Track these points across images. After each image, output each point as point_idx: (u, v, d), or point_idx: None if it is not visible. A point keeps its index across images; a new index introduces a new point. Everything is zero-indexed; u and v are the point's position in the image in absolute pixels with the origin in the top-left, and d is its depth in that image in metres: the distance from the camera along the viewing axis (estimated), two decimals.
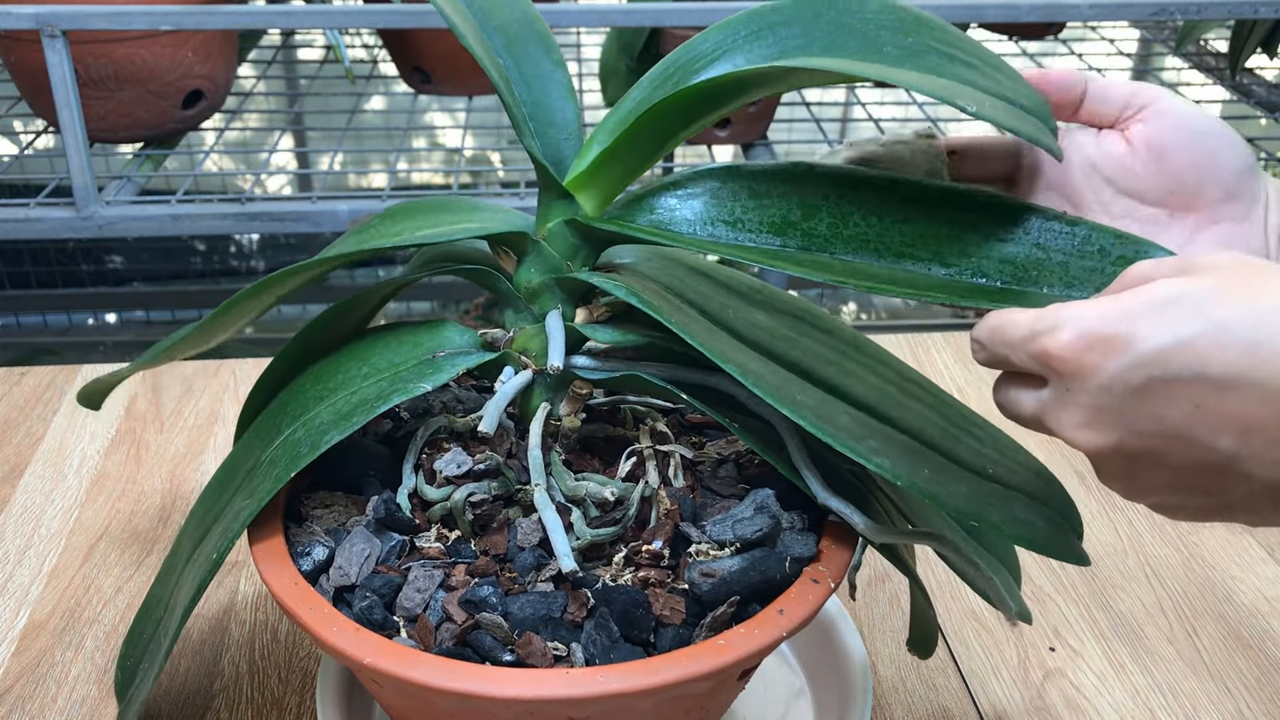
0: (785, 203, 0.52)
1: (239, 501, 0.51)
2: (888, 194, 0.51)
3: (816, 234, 0.51)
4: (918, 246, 0.51)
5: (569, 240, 0.53)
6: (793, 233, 0.51)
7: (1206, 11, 1.17)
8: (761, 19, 0.52)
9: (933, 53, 0.50)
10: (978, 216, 0.51)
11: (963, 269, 0.50)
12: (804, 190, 0.52)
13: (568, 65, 0.57)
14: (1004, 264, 0.50)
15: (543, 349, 0.53)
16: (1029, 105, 0.50)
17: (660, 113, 0.49)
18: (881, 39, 0.50)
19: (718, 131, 1.38)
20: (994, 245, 0.50)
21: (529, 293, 0.54)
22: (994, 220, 0.51)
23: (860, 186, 0.52)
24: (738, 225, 0.52)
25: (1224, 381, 0.35)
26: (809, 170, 0.52)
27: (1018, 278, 0.50)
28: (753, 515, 0.50)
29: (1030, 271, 0.50)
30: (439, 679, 0.44)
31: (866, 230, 0.51)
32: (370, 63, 1.69)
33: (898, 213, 0.51)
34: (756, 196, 0.52)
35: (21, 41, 1.17)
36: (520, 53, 0.56)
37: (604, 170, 0.52)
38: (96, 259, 2.28)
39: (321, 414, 0.51)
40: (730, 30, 0.53)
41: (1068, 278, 0.49)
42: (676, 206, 0.52)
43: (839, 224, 0.51)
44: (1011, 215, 0.51)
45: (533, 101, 0.55)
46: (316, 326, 0.56)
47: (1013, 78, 0.51)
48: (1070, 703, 0.66)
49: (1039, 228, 0.50)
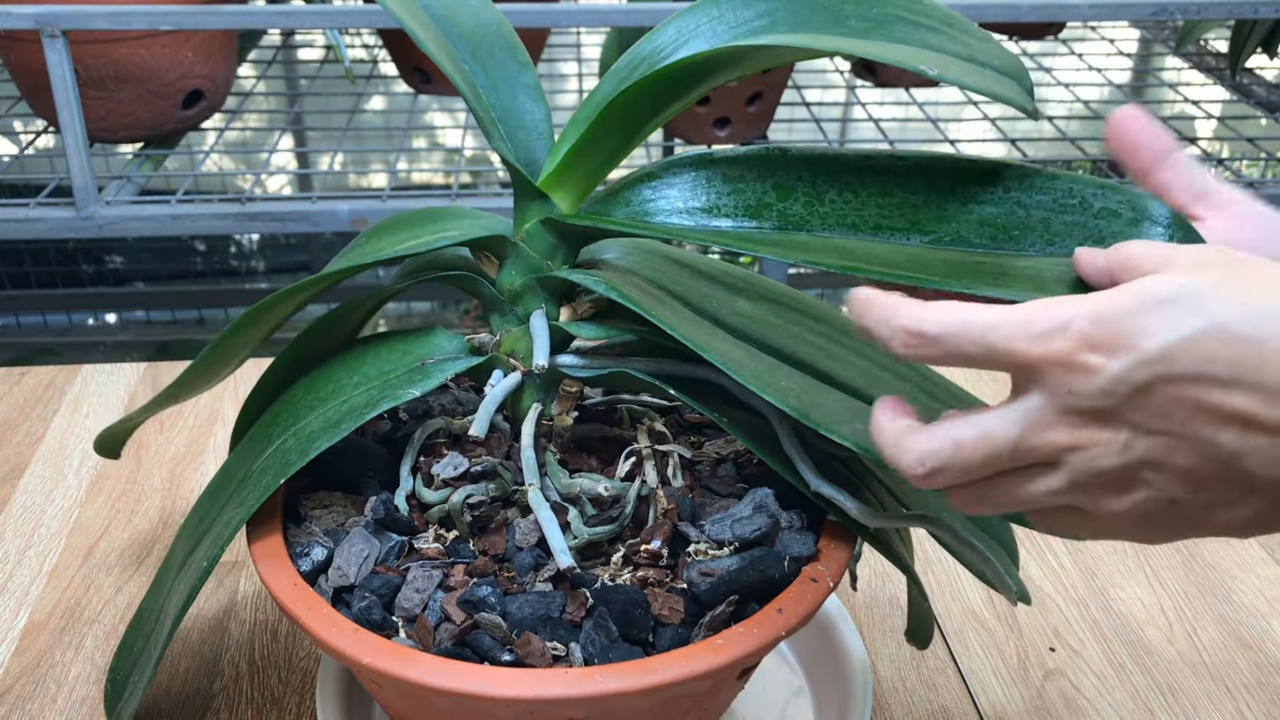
0: (760, 185, 0.51)
1: (230, 511, 0.51)
2: (861, 169, 0.50)
3: (792, 214, 0.51)
4: (894, 217, 0.49)
5: (547, 240, 0.53)
6: (769, 214, 0.51)
7: (1206, 11, 1.17)
8: (723, 3, 0.52)
9: (899, 21, 0.49)
10: (953, 181, 0.49)
11: (941, 235, 0.49)
12: (778, 173, 0.51)
13: (568, 65, 0.57)
14: (983, 226, 0.49)
15: (529, 350, 0.53)
16: (999, 65, 0.48)
17: (627, 101, 0.48)
18: (845, 11, 0.50)
19: (717, 132, 1.38)
20: (972, 208, 0.49)
21: (512, 295, 0.54)
22: (970, 182, 0.49)
23: (833, 164, 0.51)
24: (713, 211, 0.51)
25: (1228, 379, 0.35)
26: (782, 153, 0.51)
27: (998, 239, 0.48)
28: (751, 514, 0.50)
29: (1011, 231, 0.48)
30: (438, 679, 0.44)
31: (843, 206, 0.50)
32: (370, 63, 1.69)
33: (873, 185, 0.50)
34: (730, 181, 0.51)
35: (21, 41, 1.17)
36: (486, 57, 0.56)
37: (576, 166, 0.52)
38: (96, 259, 2.28)
39: (312, 423, 0.51)
40: (692, 17, 0.52)
41: (1049, 234, 0.48)
42: (651, 197, 0.52)
43: (814, 201, 0.50)
44: (988, 175, 0.49)
45: (501, 105, 0.55)
46: (306, 338, 0.56)
47: (983, 40, 0.49)
48: (1070, 703, 0.66)
49: (1017, 184, 0.49)
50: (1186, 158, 0.47)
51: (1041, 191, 0.49)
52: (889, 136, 1.36)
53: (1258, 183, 1.26)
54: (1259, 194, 1.24)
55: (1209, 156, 1.45)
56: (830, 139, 1.43)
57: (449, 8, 0.56)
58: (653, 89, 0.48)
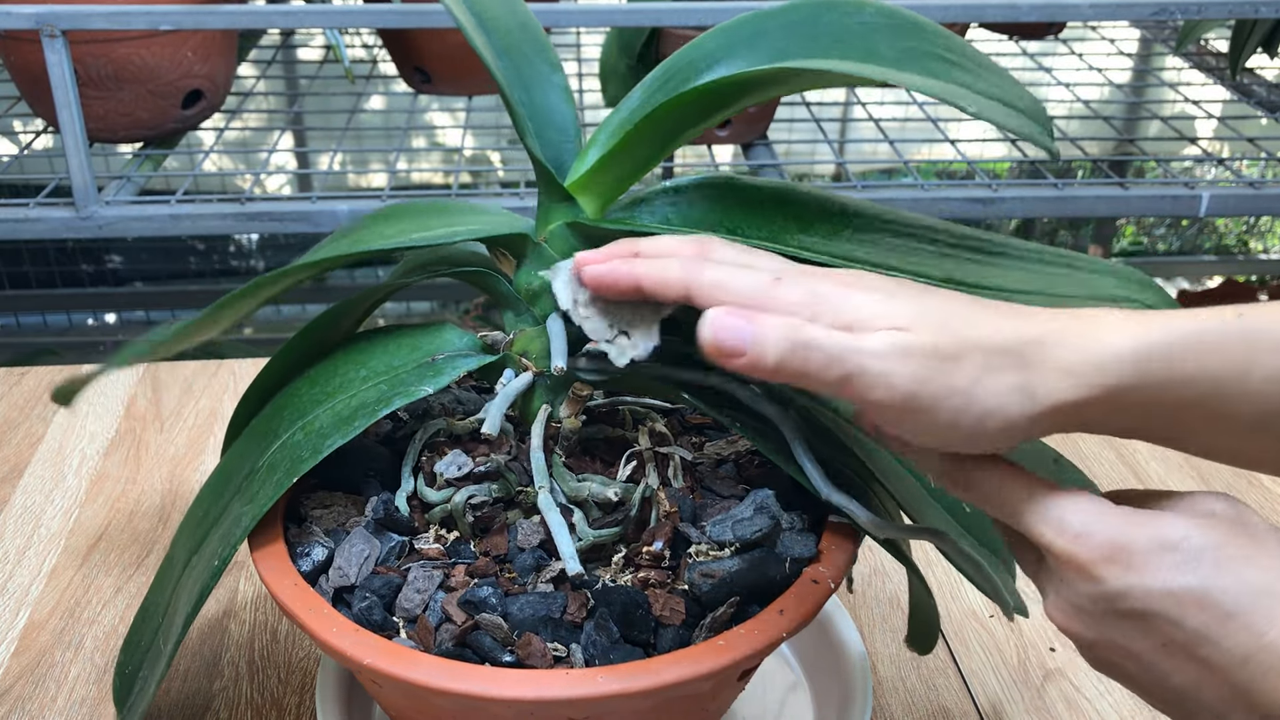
0: (779, 215, 0.52)
1: (238, 507, 0.51)
2: (873, 216, 0.53)
3: (809, 246, 0.52)
4: (906, 261, 0.51)
5: (570, 242, 0.53)
6: (789, 240, 0.52)
7: (1206, 11, 1.16)
8: (759, 23, 0.53)
9: (929, 56, 0.50)
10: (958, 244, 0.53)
11: (949, 279, 0.51)
12: (795, 206, 0.53)
13: (568, 65, 0.57)
14: (987, 278, 0.51)
15: (543, 351, 0.53)
16: (1025, 107, 0.50)
17: (661, 116, 0.49)
18: (878, 42, 0.51)
19: (718, 131, 1.38)
20: (978, 268, 0.52)
21: (529, 295, 0.54)
22: (973, 250, 0.53)
23: (846, 208, 0.53)
24: (737, 232, 0.52)
25: (1195, 637, 0.38)
26: (796, 191, 0.53)
27: (1004, 289, 0.51)
28: (752, 516, 0.50)
29: (1013, 283, 0.52)
30: (439, 680, 0.44)
31: (857, 247, 0.52)
32: (370, 63, 1.69)
33: (888, 233, 0.52)
34: (751, 208, 0.52)
35: (21, 41, 1.17)
36: (518, 56, 0.56)
37: (605, 172, 0.52)
38: (96, 259, 2.28)
39: (320, 417, 0.50)
40: (729, 34, 0.53)
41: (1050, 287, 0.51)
42: (678, 211, 0.53)
43: (831, 238, 0.52)
44: (992, 247, 0.53)
45: (531, 104, 0.55)
46: (306, 335, 0.56)
47: (1005, 80, 0.51)
48: (1070, 703, 0.66)
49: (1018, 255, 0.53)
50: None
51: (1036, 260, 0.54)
52: (889, 137, 1.36)
53: (1258, 182, 1.26)
54: (1259, 193, 1.24)
55: (1209, 156, 1.45)
56: (830, 139, 1.43)
57: (484, 4, 0.56)
58: (688, 105, 0.49)
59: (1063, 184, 1.23)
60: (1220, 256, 2.57)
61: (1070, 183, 1.25)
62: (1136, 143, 1.58)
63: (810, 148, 1.97)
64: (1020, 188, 1.22)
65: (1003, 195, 1.20)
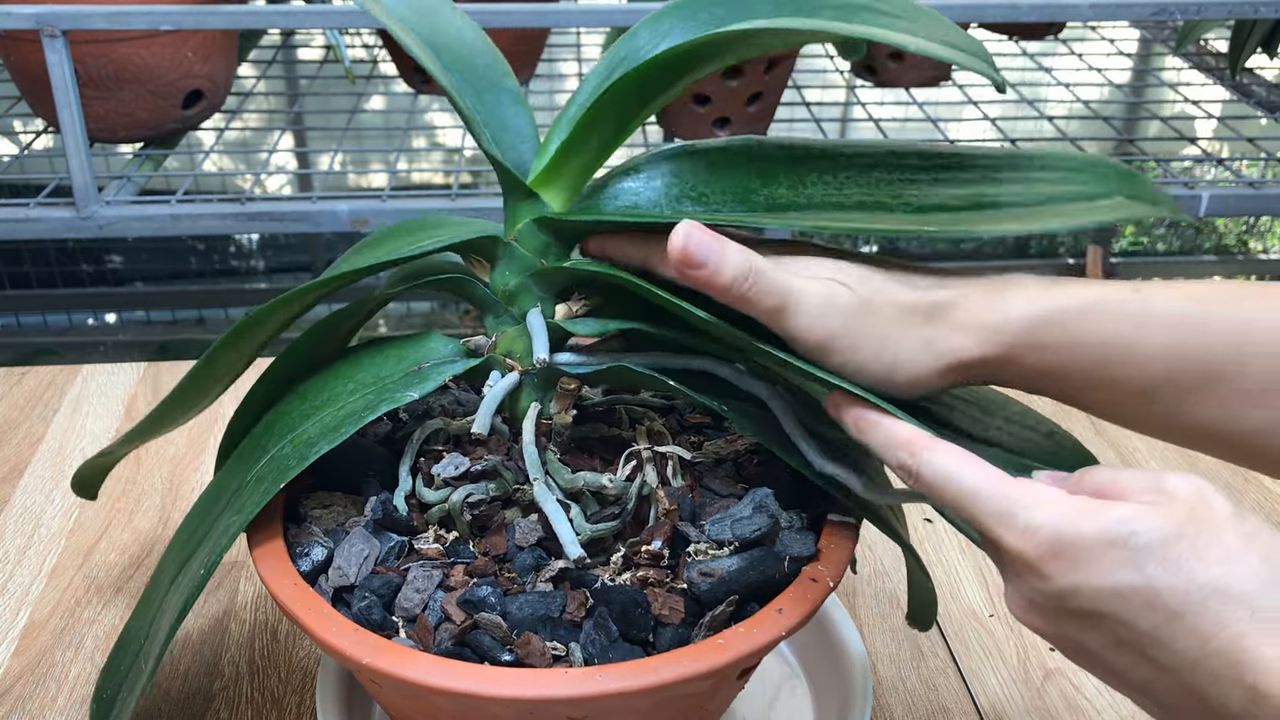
0: (743, 172, 0.52)
1: (226, 519, 0.51)
2: (835, 155, 0.53)
3: (779, 197, 0.52)
4: (876, 194, 0.52)
5: (540, 238, 0.53)
6: (756, 198, 0.52)
7: (1206, 11, 1.16)
8: (695, 4, 0.54)
9: (868, 10, 0.51)
10: (923, 163, 0.53)
11: (924, 204, 0.52)
12: (757, 160, 0.53)
13: (568, 65, 0.58)
14: (959, 197, 0.52)
15: (526, 350, 0.53)
16: (962, 44, 0.50)
17: (615, 95, 0.49)
18: (817, 2, 0.52)
19: (718, 131, 1.38)
20: (944, 186, 0.52)
21: (506, 295, 0.54)
22: (940, 166, 0.53)
23: (808, 151, 0.53)
24: (702, 199, 0.52)
25: (1145, 638, 0.38)
26: (759, 144, 0.53)
27: (979, 205, 0.52)
28: (751, 514, 0.50)
29: (986, 198, 0.52)
30: (438, 679, 0.44)
31: (824, 188, 0.52)
32: (370, 63, 1.69)
33: (849, 169, 0.53)
34: (714, 169, 0.52)
35: (21, 41, 1.17)
36: (467, 68, 0.56)
37: (566, 163, 0.53)
38: (96, 259, 2.28)
39: (309, 430, 0.51)
40: (670, 14, 0.54)
41: (1029, 195, 0.52)
42: (640, 189, 0.53)
43: (798, 184, 0.52)
44: (959, 162, 0.53)
45: (485, 110, 0.55)
46: (300, 344, 0.56)
47: (948, 27, 0.51)
48: (1070, 703, 0.66)
49: (986, 165, 0.53)
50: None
51: (1009, 168, 0.53)
52: (889, 136, 1.36)
53: (1258, 182, 1.26)
54: (1259, 193, 1.23)
55: (1209, 156, 1.45)
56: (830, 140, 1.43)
57: (429, 23, 0.57)
58: (639, 81, 0.49)
59: None
60: (1220, 256, 2.57)
61: None
62: (1136, 143, 1.57)
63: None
64: None
65: None
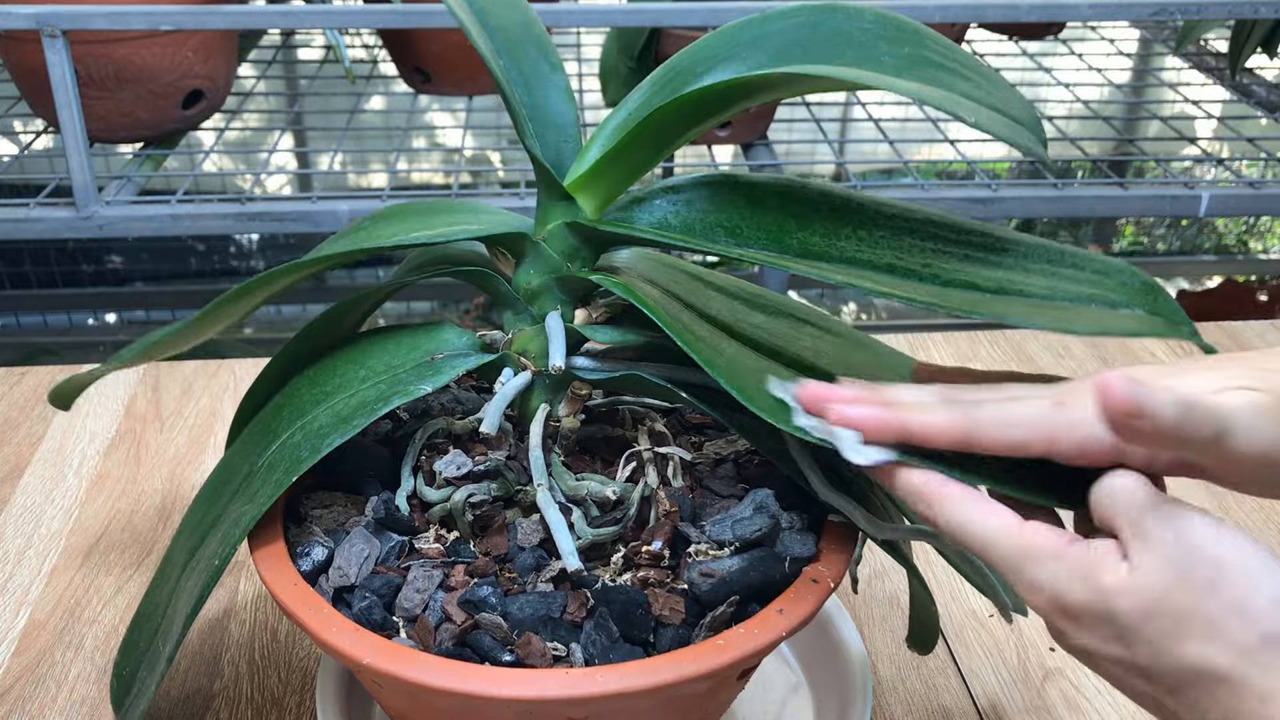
0: (781, 213, 0.53)
1: (238, 507, 0.51)
2: (875, 213, 0.53)
3: (812, 245, 0.52)
4: (907, 259, 0.52)
5: (569, 242, 0.53)
6: (789, 240, 0.52)
7: (1206, 11, 1.16)
8: (761, 26, 0.53)
9: (929, 63, 0.51)
10: (960, 239, 0.53)
11: (952, 280, 0.51)
12: (797, 204, 0.53)
13: (568, 65, 0.57)
14: (987, 278, 0.51)
15: (542, 350, 0.53)
16: (1020, 117, 0.50)
17: (661, 117, 0.49)
18: (879, 49, 0.51)
19: (718, 131, 1.38)
20: (977, 265, 0.52)
21: (528, 294, 0.54)
22: (976, 245, 0.52)
23: (848, 204, 0.53)
24: (736, 232, 0.52)
25: (1144, 697, 0.41)
26: (802, 188, 0.53)
27: (1003, 289, 0.51)
28: (752, 515, 0.50)
29: (1016, 284, 0.51)
30: (438, 679, 0.44)
31: (858, 244, 0.52)
32: (370, 63, 1.69)
33: (884, 228, 0.52)
34: (752, 205, 0.53)
35: (21, 41, 1.17)
36: (520, 55, 0.56)
37: (604, 173, 0.52)
38: (96, 259, 2.28)
39: (320, 416, 0.51)
40: (730, 37, 0.53)
41: (1054, 290, 0.51)
42: (677, 210, 0.53)
43: (832, 235, 0.52)
44: (993, 244, 0.52)
45: (532, 104, 0.55)
46: (306, 335, 0.56)
47: (1002, 88, 0.52)
48: (1070, 703, 0.66)
49: (1019, 252, 0.52)
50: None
51: (1041, 259, 0.52)
52: (889, 137, 1.36)
53: (1258, 182, 1.26)
54: (1259, 193, 1.24)
55: (1209, 156, 1.45)
56: (830, 139, 1.43)
57: (486, 3, 0.56)
58: (688, 108, 0.49)
59: (1062, 184, 1.23)
60: (1220, 256, 2.57)
61: (1070, 183, 1.25)
62: (1136, 143, 1.58)
63: (810, 148, 1.97)
64: (1020, 188, 1.22)
65: (1002, 195, 1.20)
